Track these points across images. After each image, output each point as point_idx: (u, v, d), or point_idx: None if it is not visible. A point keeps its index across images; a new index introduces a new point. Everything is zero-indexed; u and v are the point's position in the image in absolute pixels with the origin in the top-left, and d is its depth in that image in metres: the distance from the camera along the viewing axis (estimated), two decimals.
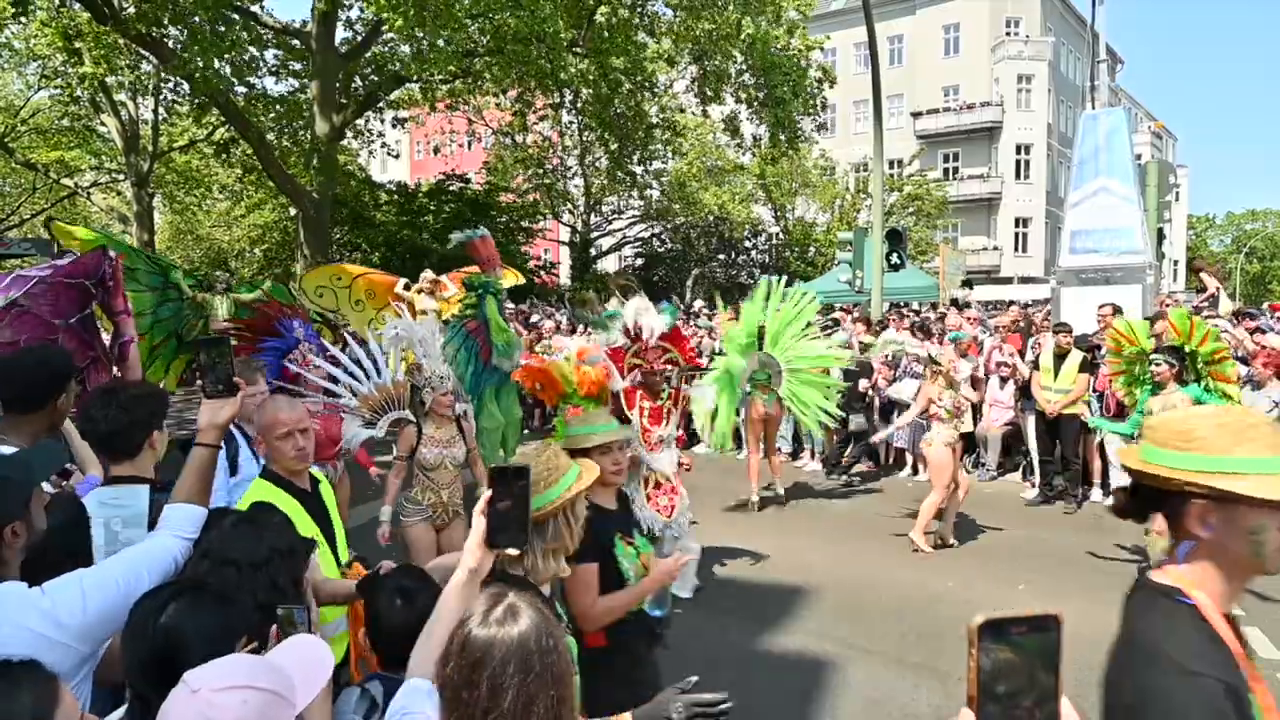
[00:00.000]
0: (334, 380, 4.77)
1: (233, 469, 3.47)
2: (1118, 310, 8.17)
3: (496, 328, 7.03)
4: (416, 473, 4.64)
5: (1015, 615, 0.73)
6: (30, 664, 1.23)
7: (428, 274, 9.32)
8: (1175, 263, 40.88)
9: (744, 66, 18.68)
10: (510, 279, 9.44)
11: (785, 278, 8.35)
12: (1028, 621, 0.73)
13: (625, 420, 5.42)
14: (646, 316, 5.71)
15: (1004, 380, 8.73)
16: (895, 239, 13.48)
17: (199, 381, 2.10)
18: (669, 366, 5.62)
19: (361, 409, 4.63)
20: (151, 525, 2.05)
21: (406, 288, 9.23)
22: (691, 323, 12.71)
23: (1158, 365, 5.65)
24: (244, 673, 1.26)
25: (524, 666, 1.33)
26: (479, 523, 1.64)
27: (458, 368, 5.47)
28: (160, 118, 23.04)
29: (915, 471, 9.38)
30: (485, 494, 1.65)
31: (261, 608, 1.64)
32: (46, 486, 2.07)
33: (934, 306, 15.56)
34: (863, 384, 9.24)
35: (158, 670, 1.38)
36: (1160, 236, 11.53)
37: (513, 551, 1.68)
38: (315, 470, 2.86)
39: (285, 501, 2.53)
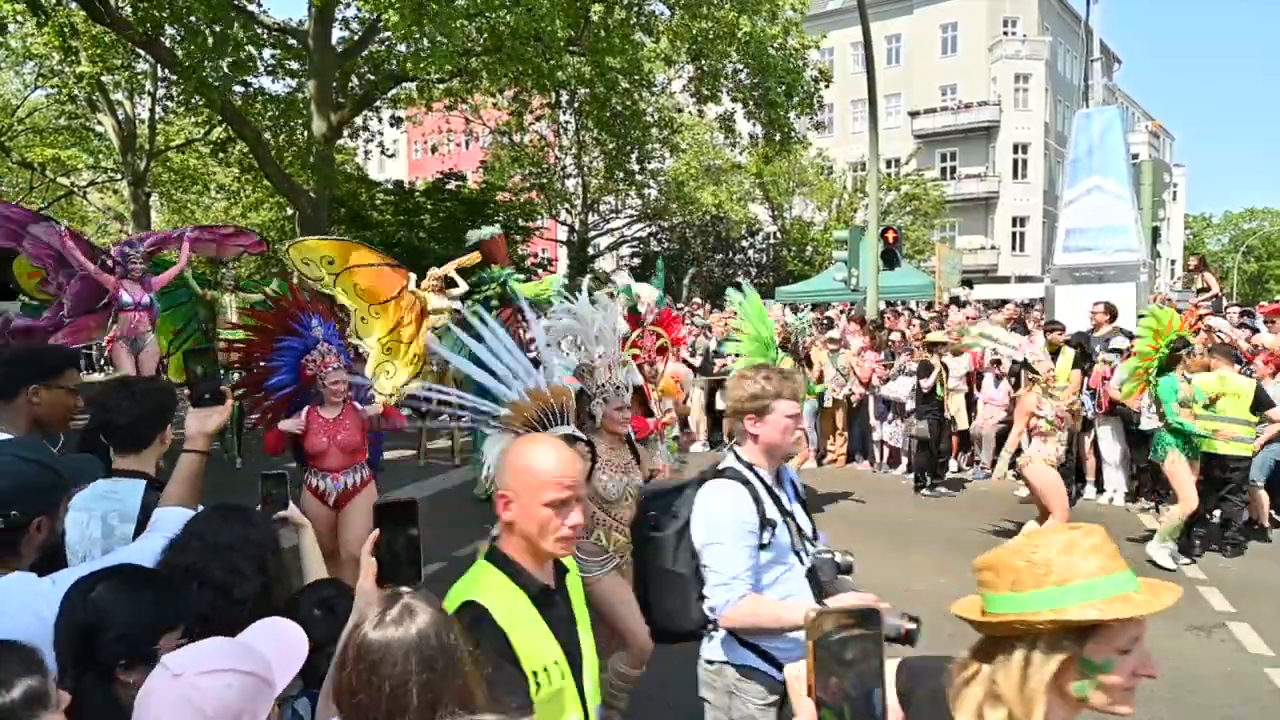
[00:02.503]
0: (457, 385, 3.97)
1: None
2: (1111, 308, 8.20)
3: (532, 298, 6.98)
4: (593, 511, 3.52)
5: (843, 608, 0.81)
6: (18, 646, 1.24)
7: (435, 271, 9.26)
8: (1173, 262, 40.98)
9: (740, 65, 18.69)
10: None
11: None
12: (853, 614, 0.81)
13: (650, 414, 5.10)
14: (646, 293, 5.44)
15: (998, 378, 8.76)
16: (889, 254, 13.32)
17: (187, 390, 2.13)
18: (660, 355, 5.26)
19: (512, 421, 3.44)
20: (143, 523, 2.07)
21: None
22: (688, 321, 12.74)
23: (1193, 355, 5.95)
24: (227, 656, 1.26)
25: (426, 664, 1.29)
26: (368, 562, 1.61)
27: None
28: (156, 117, 23.05)
29: (910, 469, 9.42)
30: (373, 533, 1.62)
31: (224, 592, 1.66)
32: None
33: (929, 305, 15.60)
34: (924, 384, 8.46)
35: (78, 642, 1.40)
36: (1155, 235, 11.58)
37: (405, 589, 1.65)
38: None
39: (515, 602, 1.71)
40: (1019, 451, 6.10)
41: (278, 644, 1.40)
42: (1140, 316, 7.61)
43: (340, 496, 4.58)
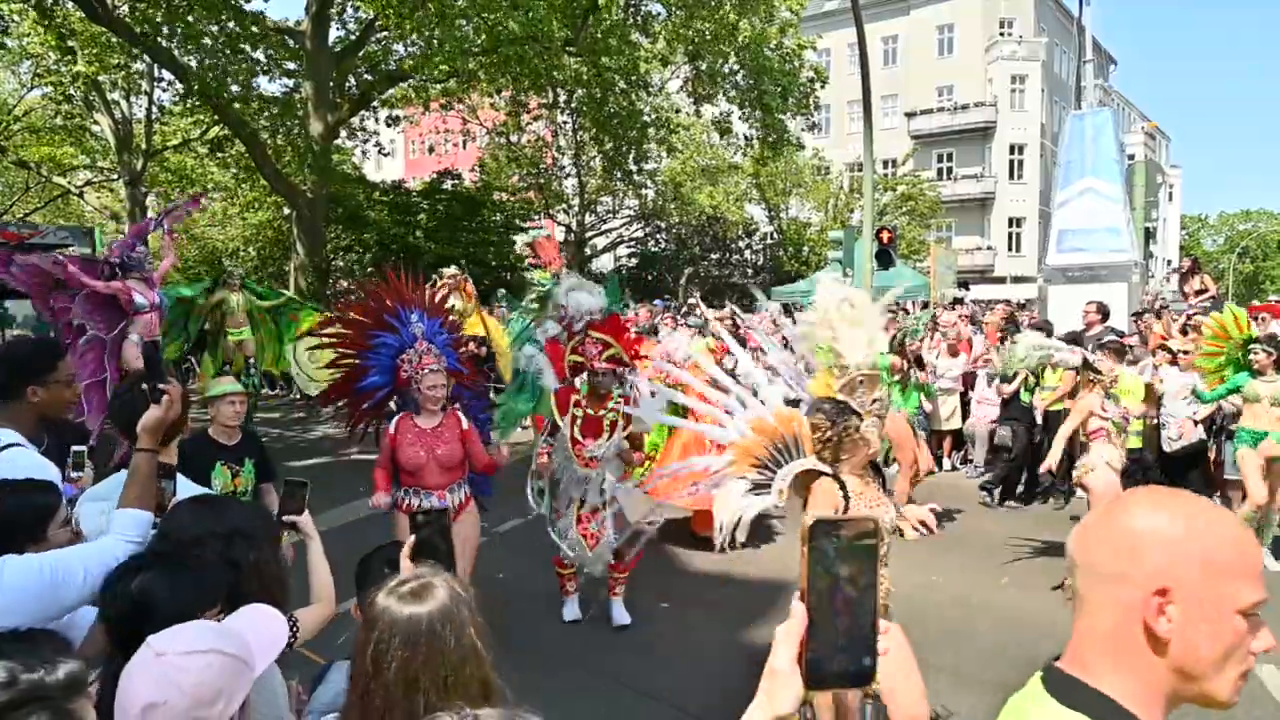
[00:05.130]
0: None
1: None
2: (1103, 308, 8.28)
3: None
4: None
5: (840, 518, 0.82)
6: (50, 634, 1.30)
7: (450, 270, 9.25)
8: (1168, 262, 41.13)
9: (737, 66, 18.76)
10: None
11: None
12: (851, 523, 0.82)
13: (555, 428, 4.61)
14: (577, 295, 4.69)
15: (990, 378, 8.81)
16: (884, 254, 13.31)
17: (144, 386, 2.11)
18: (613, 366, 4.55)
19: (741, 464, 2.69)
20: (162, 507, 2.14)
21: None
22: (683, 321, 12.76)
23: (1257, 354, 5.86)
24: (209, 638, 1.30)
25: (409, 643, 1.30)
26: (407, 565, 1.75)
27: (532, 369, 5.18)
28: (153, 116, 23.04)
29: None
30: (410, 539, 1.80)
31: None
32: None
33: (925, 305, 15.66)
34: (1006, 389, 8.17)
35: (129, 629, 1.45)
36: (1148, 236, 11.67)
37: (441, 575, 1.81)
38: None
39: None
40: (1069, 459, 5.95)
41: (259, 629, 1.45)
42: (1136, 315, 7.66)
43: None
